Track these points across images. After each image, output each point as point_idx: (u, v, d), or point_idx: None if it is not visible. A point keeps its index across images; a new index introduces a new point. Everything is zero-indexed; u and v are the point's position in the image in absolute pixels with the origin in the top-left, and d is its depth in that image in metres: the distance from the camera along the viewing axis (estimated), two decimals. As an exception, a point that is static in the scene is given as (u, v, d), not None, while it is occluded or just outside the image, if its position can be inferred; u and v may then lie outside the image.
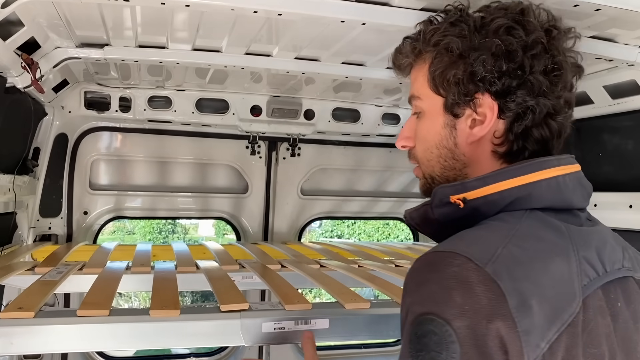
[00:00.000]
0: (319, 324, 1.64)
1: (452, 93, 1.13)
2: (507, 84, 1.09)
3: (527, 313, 0.86)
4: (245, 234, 3.93)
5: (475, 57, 1.10)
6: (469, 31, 1.12)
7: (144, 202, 3.68)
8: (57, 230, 3.36)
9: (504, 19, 1.11)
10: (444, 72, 1.14)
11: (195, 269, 2.35)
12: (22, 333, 1.47)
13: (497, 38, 1.09)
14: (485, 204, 1.06)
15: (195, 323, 1.58)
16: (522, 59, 1.09)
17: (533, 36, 1.11)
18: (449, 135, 1.16)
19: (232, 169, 3.87)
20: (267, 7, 1.86)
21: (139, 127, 3.52)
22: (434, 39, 1.16)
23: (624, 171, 2.77)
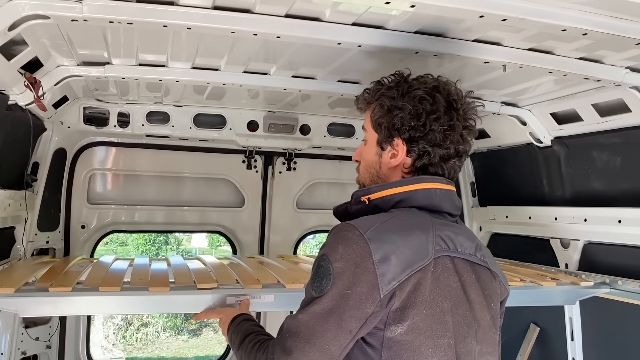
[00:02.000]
0: (266, 298, 2.33)
1: (382, 134, 1.70)
2: (413, 135, 1.64)
3: (385, 263, 1.42)
4: (241, 247, 3.96)
5: (396, 114, 1.65)
6: (397, 95, 1.67)
7: (141, 216, 3.71)
8: (54, 244, 3.38)
9: (421, 90, 1.65)
10: (378, 119, 1.71)
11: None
12: (62, 302, 2.16)
13: (412, 103, 1.63)
14: (381, 202, 1.64)
15: (179, 296, 2.26)
16: (425, 120, 1.62)
17: (436, 106, 1.63)
18: (377, 160, 1.73)
19: (228, 183, 3.91)
20: (267, 31, 1.92)
21: (137, 142, 3.57)
22: (376, 96, 1.73)
23: (612, 187, 2.84)
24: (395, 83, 1.71)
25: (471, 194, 3.99)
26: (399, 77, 1.74)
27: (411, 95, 1.64)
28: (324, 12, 1.89)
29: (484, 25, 1.92)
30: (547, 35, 1.98)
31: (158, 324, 18.64)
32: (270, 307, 2.37)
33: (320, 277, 1.47)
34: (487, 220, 3.80)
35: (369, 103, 1.78)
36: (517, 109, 3.08)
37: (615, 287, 2.70)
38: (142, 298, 2.24)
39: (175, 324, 18.97)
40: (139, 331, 18.29)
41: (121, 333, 17.98)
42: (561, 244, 3.13)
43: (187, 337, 18.95)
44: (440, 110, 1.62)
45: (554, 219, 3.14)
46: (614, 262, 2.84)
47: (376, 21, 1.97)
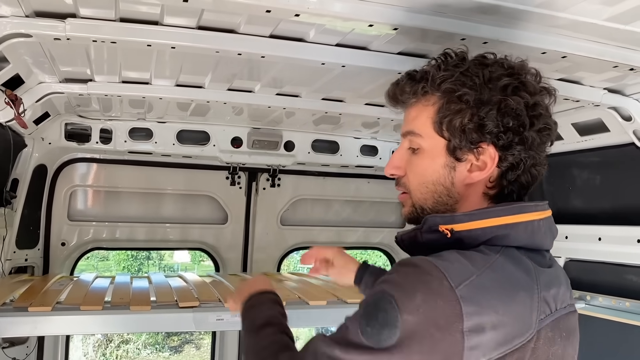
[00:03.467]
0: None
1: (458, 138, 1.22)
2: (510, 139, 1.20)
3: (478, 335, 1.01)
4: (224, 264, 3.93)
5: (486, 111, 1.19)
6: (479, 85, 1.20)
7: (122, 233, 3.67)
8: (33, 261, 3.32)
9: (509, 78, 1.22)
10: (452, 119, 1.22)
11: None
12: (42, 321, 2.12)
13: (505, 96, 1.19)
14: (468, 237, 1.18)
15: (161, 315, 2.27)
16: (524, 118, 1.20)
17: (535, 98, 1.23)
18: (447, 174, 1.25)
19: (211, 200, 3.89)
20: (251, 50, 1.93)
21: (119, 159, 3.54)
22: (445, 85, 1.23)
23: (592, 205, 2.88)
24: (468, 65, 1.24)
25: (454, 210, 4.01)
26: (461, 56, 1.28)
27: (500, 85, 1.20)
28: (308, 33, 1.91)
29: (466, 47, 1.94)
30: (527, 57, 2.01)
31: (139, 341, 18.36)
32: None
33: (380, 323, 1.03)
34: (470, 236, 3.83)
35: (426, 94, 1.27)
36: (498, 128, 3.12)
37: (591, 303, 2.73)
38: (123, 317, 2.22)
39: (156, 341, 18.71)
40: (119, 348, 17.99)
41: (101, 350, 17.66)
42: (543, 261, 3.17)
43: (168, 354, 18.68)
44: (541, 105, 1.24)
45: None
46: (594, 279, 2.88)
47: (360, 42, 1.99)
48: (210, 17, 1.80)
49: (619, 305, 2.61)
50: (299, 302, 2.55)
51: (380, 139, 3.84)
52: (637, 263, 2.59)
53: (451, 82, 1.22)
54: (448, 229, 1.19)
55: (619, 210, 2.69)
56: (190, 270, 17.98)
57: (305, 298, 2.57)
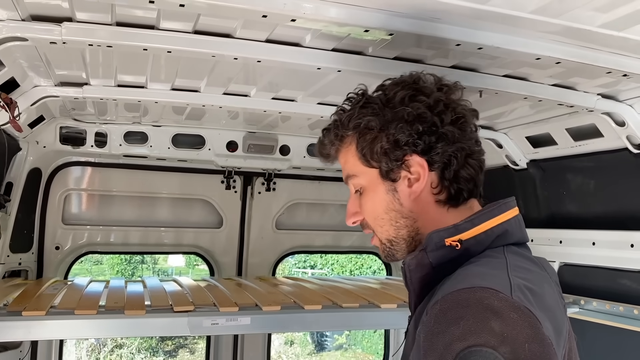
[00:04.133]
0: (243, 321, 2.32)
1: (384, 162, 1.28)
2: (428, 141, 1.25)
3: (550, 332, 0.97)
4: (219, 268, 3.92)
5: (394, 127, 1.25)
6: (379, 108, 1.29)
7: (117, 237, 3.66)
8: (27, 265, 3.31)
9: (403, 90, 1.29)
10: (371, 147, 1.29)
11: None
12: (36, 326, 2.11)
13: (405, 107, 1.26)
14: (475, 244, 1.19)
15: (155, 319, 2.26)
16: (431, 118, 1.25)
17: (433, 97, 1.28)
18: (393, 198, 1.30)
19: (207, 204, 3.88)
20: (247, 55, 1.93)
21: (114, 162, 3.53)
22: (352, 123, 1.32)
23: (586, 209, 2.90)
24: (366, 98, 1.34)
25: (449, 215, 4.02)
26: (361, 93, 1.37)
27: (397, 100, 1.27)
28: (304, 37, 1.92)
29: (461, 53, 1.96)
30: (522, 62, 2.03)
31: (133, 345, 18.27)
32: (247, 329, 2.39)
33: None
34: (465, 241, 3.83)
35: (342, 138, 1.35)
36: (493, 132, 3.14)
37: (585, 307, 2.74)
38: (117, 321, 2.21)
39: (150, 345, 18.62)
40: (113, 353, 17.90)
41: (95, 355, 17.57)
42: (537, 265, 3.18)
43: (162, 359, 18.60)
44: (441, 100, 1.28)
45: (530, 240, 3.17)
46: (589, 283, 2.89)
47: (355, 47, 2.00)
48: (206, 21, 1.80)
49: (613, 309, 2.62)
50: (294, 307, 2.55)
51: (376, 143, 3.84)
52: (631, 268, 2.60)
53: (356, 118, 1.30)
54: (456, 240, 1.18)
55: (613, 215, 2.71)
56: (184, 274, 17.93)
57: (301, 302, 2.57)
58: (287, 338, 19.04)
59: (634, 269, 2.58)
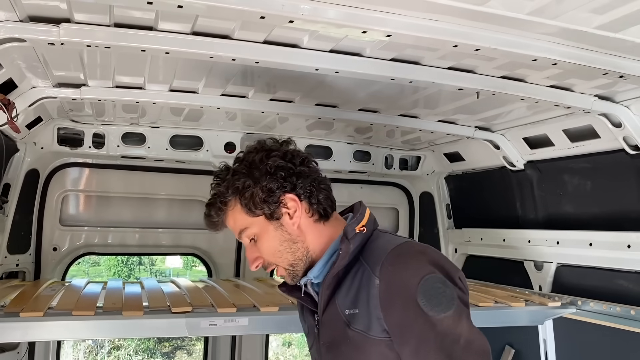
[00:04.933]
0: (241, 322, 2.31)
1: (266, 208, 1.61)
2: (291, 181, 1.62)
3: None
4: (216, 269, 3.92)
5: (264, 179, 1.60)
6: (247, 171, 1.62)
7: (115, 238, 3.66)
8: (25, 266, 3.30)
9: (258, 154, 1.64)
10: (252, 201, 1.61)
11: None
12: (33, 327, 2.11)
13: (266, 164, 1.62)
14: (369, 228, 1.66)
15: (153, 320, 2.26)
16: (286, 164, 1.63)
17: (281, 150, 1.66)
18: (282, 232, 1.64)
19: (204, 205, 3.87)
20: (245, 56, 1.94)
21: (111, 163, 3.52)
22: (231, 189, 1.63)
23: (583, 210, 2.91)
24: (232, 169, 1.66)
25: (446, 215, 4.03)
26: (226, 167, 1.70)
27: (256, 160, 1.63)
28: (302, 39, 1.92)
29: (458, 54, 1.97)
30: (519, 64, 2.04)
31: (130, 347, 18.23)
32: (244, 330, 2.39)
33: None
34: (462, 242, 3.85)
35: (226, 204, 1.65)
36: (490, 134, 3.15)
37: (582, 308, 2.75)
38: (115, 322, 2.21)
39: (148, 347, 18.58)
40: (110, 354, 17.85)
41: (92, 356, 17.52)
42: (535, 266, 3.18)
43: (160, 360, 18.56)
44: (288, 152, 1.67)
45: (527, 241, 3.19)
46: (586, 284, 2.90)
47: (353, 49, 2.00)
48: (204, 22, 1.81)
49: (610, 310, 2.62)
50: (292, 307, 2.54)
51: (374, 144, 3.86)
52: (627, 268, 2.61)
53: (232, 184, 1.62)
54: (362, 226, 1.64)
55: (610, 216, 2.72)
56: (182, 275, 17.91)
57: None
58: (285, 339, 19.01)
59: (631, 269, 2.59)
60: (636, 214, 2.57)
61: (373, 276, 1.51)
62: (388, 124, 3.03)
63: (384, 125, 3.09)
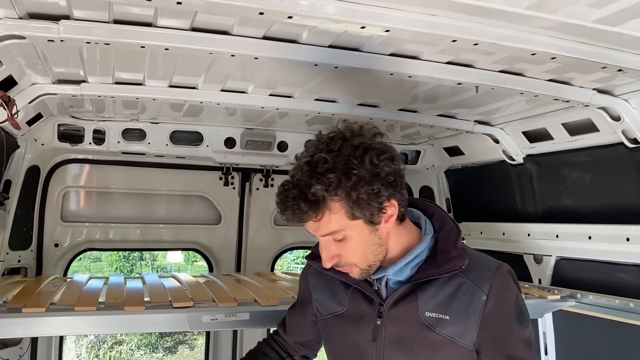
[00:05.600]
0: (242, 317, 2.33)
1: (369, 214, 1.52)
2: (398, 187, 1.55)
3: None
4: (217, 264, 3.94)
5: (374, 184, 1.49)
6: (358, 172, 1.47)
7: (116, 234, 3.67)
8: (26, 263, 3.32)
9: (367, 153, 1.50)
10: (358, 204, 1.49)
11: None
12: (36, 322, 2.11)
13: (376, 167, 1.50)
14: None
15: (155, 315, 2.27)
16: (394, 168, 1.53)
17: (389, 152, 1.55)
18: (375, 236, 1.58)
19: (205, 200, 3.89)
20: (244, 52, 1.94)
21: (112, 159, 3.54)
22: (340, 190, 1.47)
23: (582, 204, 2.91)
24: (342, 166, 1.48)
25: (446, 209, 4.05)
26: (325, 159, 1.50)
27: (367, 161, 1.49)
28: (301, 34, 1.92)
29: (457, 49, 1.97)
30: (518, 58, 2.04)
31: (132, 342, 18.30)
32: (246, 325, 2.39)
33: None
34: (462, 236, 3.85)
35: (326, 205, 1.50)
36: (490, 128, 3.16)
37: (582, 301, 2.76)
38: (117, 317, 2.22)
39: (149, 342, 18.65)
40: (112, 349, 17.93)
41: (94, 352, 17.59)
42: (534, 260, 3.20)
43: (162, 355, 18.64)
44: (390, 151, 1.56)
45: (526, 235, 3.20)
46: (585, 277, 2.91)
47: (352, 44, 2.01)
48: (203, 18, 1.81)
49: (609, 302, 2.63)
50: (292, 302, 2.56)
51: (373, 139, 3.86)
52: (626, 261, 2.62)
53: (342, 189, 1.47)
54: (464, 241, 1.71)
55: (609, 209, 2.72)
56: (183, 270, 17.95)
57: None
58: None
59: (630, 262, 2.60)
60: (635, 207, 2.58)
61: (478, 291, 1.61)
62: (387, 118, 3.03)
63: (384, 120, 3.09)
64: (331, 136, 1.57)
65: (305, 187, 1.49)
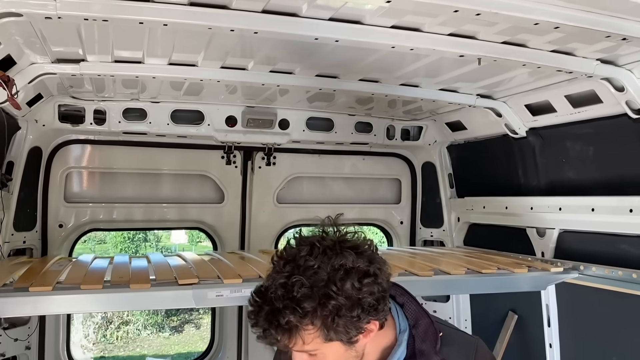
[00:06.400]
0: (247, 292, 2.06)
1: (346, 337, 1.47)
2: (379, 308, 1.49)
3: None
4: (222, 242, 3.95)
5: (355, 311, 1.44)
6: (336, 299, 1.42)
7: (119, 214, 3.68)
8: (32, 243, 3.33)
9: (348, 277, 1.44)
10: (335, 330, 1.45)
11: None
12: (43, 301, 2.14)
13: (358, 293, 1.44)
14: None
15: (161, 292, 2.29)
16: (376, 288, 1.47)
17: (372, 269, 1.48)
18: (352, 352, 1.53)
19: (207, 179, 3.89)
20: (244, 27, 1.92)
21: (113, 140, 3.53)
22: (317, 320, 1.43)
23: (585, 176, 2.91)
24: (320, 294, 1.43)
25: (449, 185, 4.04)
26: (300, 284, 1.43)
27: (348, 286, 1.44)
28: (301, 7, 1.90)
29: (459, 20, 1.94)
30: (520, 28, 2.01)
31: (139, 322, 18.49)
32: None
33: None
34: (465, 211, 3.86)
35: (298, 330, 1.45)
36: (492, 101, 3.13)
37: (585, 272, 2.77)
38: (123, 295, 2.24)
39: (156, 322, 18.85)
40: (119, 329, 18.13)
41: (101, 332, 17.80)
42: (537, 233, 3.20)
43: (168, 334, 18.85)
44: (377, 274, 1.50)
45: (529, 208, 3.20)
46: (588, 249, 2.91)
47: (353, 16, 1.98)
48: (202, -8, 1.79)
49: (612, 274, 2.64)
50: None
51: (375, 115, 3.84)
52: (629, 232, 2.62)
53: (319, 318, 1.43)
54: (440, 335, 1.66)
55: (612, 181, 2.71)
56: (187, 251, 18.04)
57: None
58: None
59: (633, 233, 2.60)
60: (638, 178, 2.57)
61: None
62: (389, 93, 3.01)
63: (385, 95, 3.07)
64: (311, 249, 1.47)
65: (278, 313, 1.42)
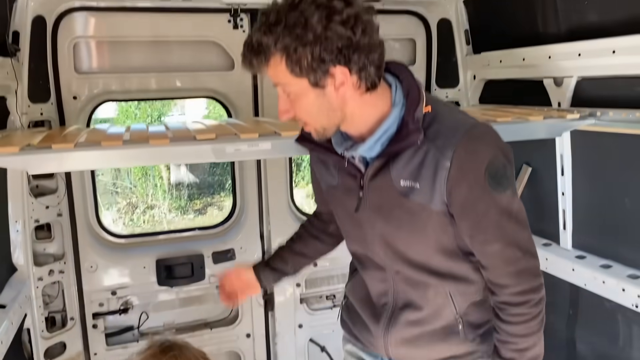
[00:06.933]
0: (263, 146, 2.40)
1: (312, 75, 1.55)
2: (346, 53, 1.51)
3: None
4: (236, 110, 3.94)
5: (317, 46, 1.48)
6: (301, 32, 1.48)
7: (132, 84, 3.65)
8: (49, 115, 3.36)
9: (318, 11, 1.47)
10: (299, 64, 1.53)
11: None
12: (67, 157, 2.23)
13: (324, 28, 1.47)
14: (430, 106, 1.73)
15: (179, 148, 2.35)
16: (346, 33, 1.49)
17: (345, 13, 1.48)
18: (323, 101, 1.60)
19: (216, 46, 3.80)
20: None
21: (119, 6, 3.42)
22: (279, 45, 1.51)
23: (607, 17, 2.77)
24: (285, 21, 1.50)
25: (465, 42, 3.91)
26: (275, 10, 1.52)
27: (315, 20, 1.48)
28: None
29: None
30: None
31: (163, 206, 19.22)
32: (268, 154, 2.51)
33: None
34: (481, 67, 3.77)
35: (268, 59, 1.57)
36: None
37: (602, 118, 2.74)
38: (144, 150, 2.30)
39: (180, 205, 19.58)
40: (145, 214, 18.91)
41: (128, 216, 18.61)
42: (554, 83, 3.13)
43: (192, 217, 19.66)
44: (350, 14, 1.50)
45: (547, 57, 3.10)
46: (607, 95, 2.86)
47: None
48: None
49: (629, 117, 2.61)
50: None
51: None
52: (650, 72, 2.55)
53: (280, 41, 1.50)
54: (427, 109, 1.68)
55: (636, 18, 2.59)
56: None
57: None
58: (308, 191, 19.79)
59: (654, 72, 2.53)
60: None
61: (442, 158, 1.62)
62: None
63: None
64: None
65: (253, 35, 1.56)
